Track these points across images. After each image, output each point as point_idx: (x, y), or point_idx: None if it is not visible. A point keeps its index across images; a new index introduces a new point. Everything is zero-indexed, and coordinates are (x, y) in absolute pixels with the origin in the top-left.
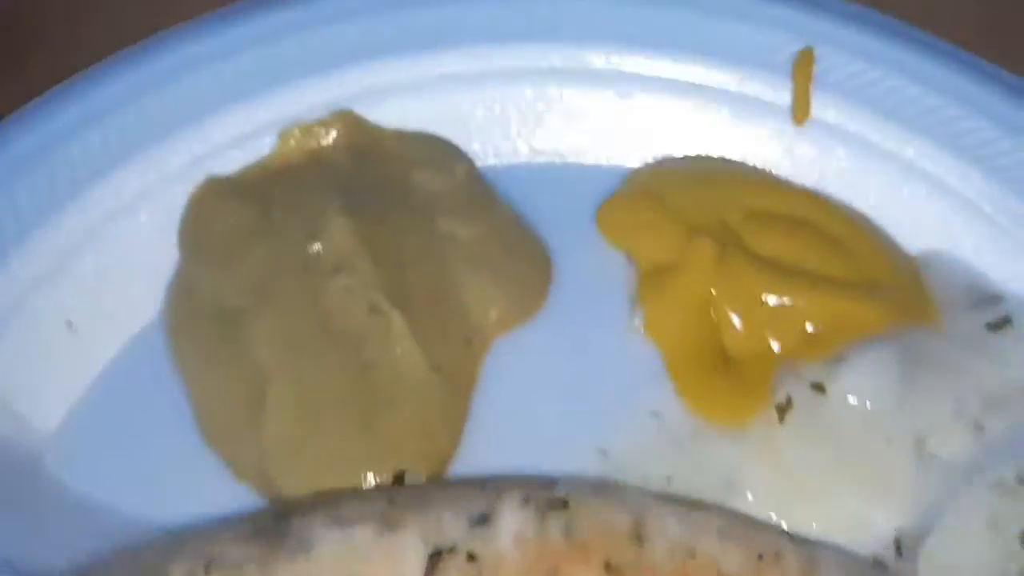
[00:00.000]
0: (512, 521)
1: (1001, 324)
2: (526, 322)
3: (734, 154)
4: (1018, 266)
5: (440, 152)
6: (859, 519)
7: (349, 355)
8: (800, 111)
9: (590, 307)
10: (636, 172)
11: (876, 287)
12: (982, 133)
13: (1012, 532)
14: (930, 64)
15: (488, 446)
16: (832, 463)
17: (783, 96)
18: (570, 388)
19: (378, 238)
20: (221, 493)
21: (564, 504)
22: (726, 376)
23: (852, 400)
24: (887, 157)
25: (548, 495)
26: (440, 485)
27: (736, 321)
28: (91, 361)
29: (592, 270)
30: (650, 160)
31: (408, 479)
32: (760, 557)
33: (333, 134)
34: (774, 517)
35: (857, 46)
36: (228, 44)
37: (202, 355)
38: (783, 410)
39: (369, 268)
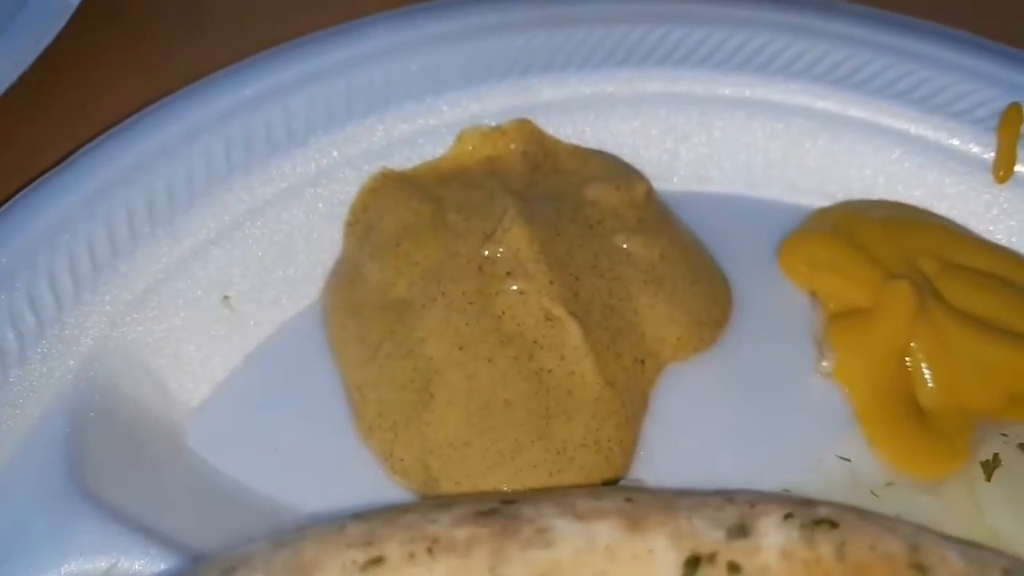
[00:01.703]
0: (776, 535)
1: None
2: (703, 351)
3: (925, 203)
4: None
5: (617, 170)
6: None
7: (521, 360)
8: (1003, 168)
9: (771, 344)
10: (824, 210)
11: None
12: None
13: None
14: None
15: (659, 475)
16: None
17: (985, 151)
18: (750, 423)
19: (554, 247)
20: (362, 485)
21: (833, 524)
22: (922, 428)
23: None
24: None
25: (813, 514)
26: (675, 491)
27: (932, 373)
28: (243, 340)
29: (772, 305)
30: (838, 200)
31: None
32: None
33: (510, 142)
34: None
35: None
36: (418, 40)
37: (364, 345)
38: (990, 468)
39: (545, 275)
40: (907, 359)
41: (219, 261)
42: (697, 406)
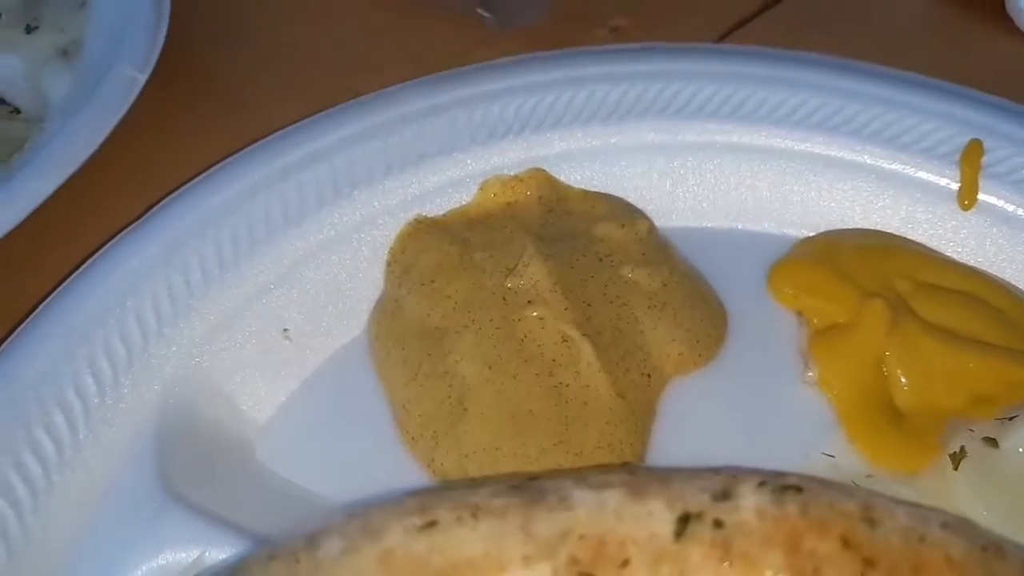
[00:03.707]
0: (752, 498)
1: None
2: (703, 367)
3: (900, 230)
4: None
5: (621, 210)
6: None
7: (542, 376)
8: (967, 197)
9: (763, 359)
10: (808, 239)
11: None
12: None
13: None
14: None
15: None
16: (1007, 511)
17: (951, 182)
18: (746, 428)
19: (568, 278)
20: (409, 487)
21: (798, 489)
22: (897, 427)
23: None
24: None
25: (782, 481)
26: (671, 468)
27: (906, 379)
28: (302, 366)
29: (763, 325)
30: (819, 231)
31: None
32: (984, 548)
33: (527, 189)
34: None
35: (1022, 139)
36: (444, 103)
37: (406, 367)
38: (957, 459)
39: (560, 302)
40: (883, 367)
41: (278, 300)
42: (698, 413)
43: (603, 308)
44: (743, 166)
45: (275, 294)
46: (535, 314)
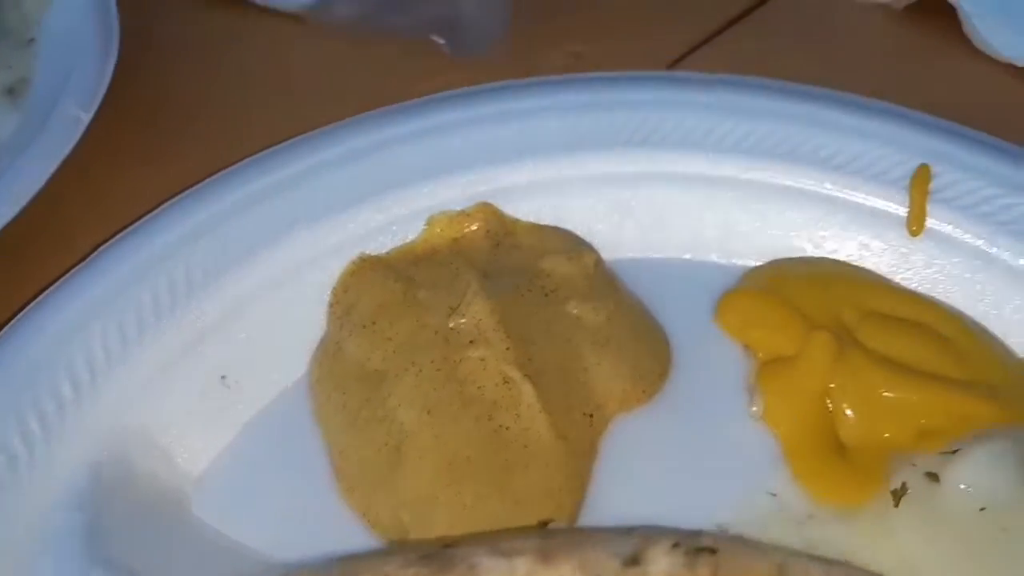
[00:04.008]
0: (664, 561)
1: None
2: (646, 403)
3: (851, 258)
4: None
5: (569, 243)
6: None
7: (482, 419)
8: (916, 223)
9: (708, 393)
10: (755, 269)
11: (990, 387)
12: None
13: None
14: None
15: (607, 515)
16: (947, 548)
17: (899, 208)
18: (688, 466)
19: (511, 317)
20: (345, 538)
21: (712, 551)
22: (842, 462)
23: (966, 488)
24: (999, 267)
25: (696, 542)
26: (589, 529)
27: (851, 413)
28: (241, 414)
29: (710, 359)
30: (768, 260)
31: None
32: None
33: (474, 224)
34: None
35: (971, 165)
36: (387, 139)
37: (345, 412)
38: (898, 495)
39: (503, 342)
40: (829, 401)
41: (216, 346)
42: (640, 453)
43: (547, 346)
44: (691, 195)
45: (213, 340)
46: (477, 355)
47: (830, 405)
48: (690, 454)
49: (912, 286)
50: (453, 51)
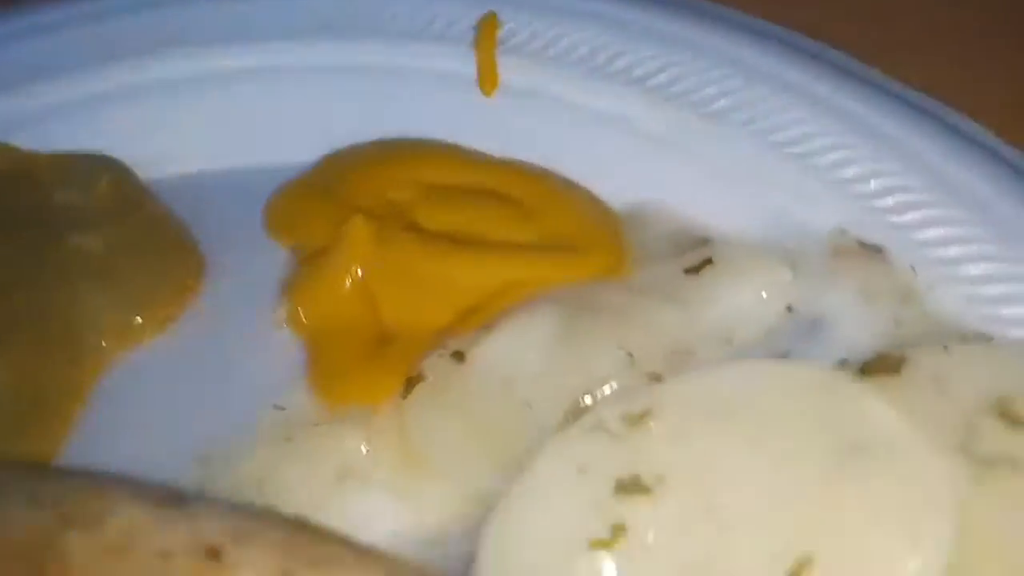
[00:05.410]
0: None
1: (700, 267)
2: (162, 331)
3: (422, 132)
4: (726, 204)
5: (88, 169)
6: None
7: None
8: (487, 81)
9: (243, 308)
10: (311, 167)
11: (554, 248)
12: (673, 70)
13: (604, 479)
14: (612, 6)
15: (97, 449)
16: (461, 436)
17: (468, 67)
18: (192, 396)
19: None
20: None
21: None
22: (372, 359)
23: (492, 365)
24: (582, 112)
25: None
26: None
27: (392, 298)
28: None
29: (253, 270)
30: (328, 151)
31: None
32: None
33: None
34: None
35: (535, 4)
36: None
37: None
38: (411, 384)
39: None
40: (370, 289)
41: None
42: (144, 388)
43: (29, 291)
44: (234, 94)
45: None
46: None
47: (371, 293)
48: (205, 377)
49: (493, 151)
50: None
